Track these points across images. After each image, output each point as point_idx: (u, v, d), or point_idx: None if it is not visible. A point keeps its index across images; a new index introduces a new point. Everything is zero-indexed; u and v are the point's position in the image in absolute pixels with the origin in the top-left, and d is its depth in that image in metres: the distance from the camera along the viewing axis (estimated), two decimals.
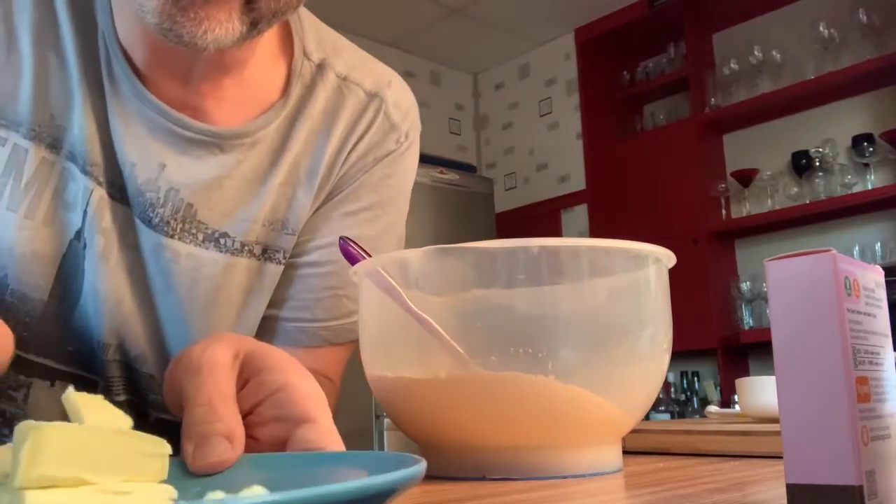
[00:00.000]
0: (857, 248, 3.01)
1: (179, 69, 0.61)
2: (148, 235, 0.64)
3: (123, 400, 0.69)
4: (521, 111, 4.31)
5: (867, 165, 3.04)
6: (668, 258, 0.58)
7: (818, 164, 3.14)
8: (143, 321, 0.66)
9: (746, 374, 3.29)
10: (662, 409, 3.27)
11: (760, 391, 0.85)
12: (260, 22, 0.56)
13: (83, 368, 0.67)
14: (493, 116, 4.45)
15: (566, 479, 0.52)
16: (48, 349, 0.66)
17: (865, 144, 3.02)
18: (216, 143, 0.64)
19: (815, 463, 0.32)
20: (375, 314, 0.59)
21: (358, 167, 0.72)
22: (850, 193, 3.03)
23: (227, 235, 0.67)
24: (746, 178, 3.32)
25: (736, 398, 1.00)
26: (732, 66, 3.36)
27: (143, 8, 0.53)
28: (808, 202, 3.11)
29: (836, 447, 0.32)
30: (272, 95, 0.67)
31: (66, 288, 0.64)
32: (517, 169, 4.28)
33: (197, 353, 0.44)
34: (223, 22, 0.53)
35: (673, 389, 3.36)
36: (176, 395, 0.44)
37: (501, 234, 3.93)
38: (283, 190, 0.68)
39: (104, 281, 0.64)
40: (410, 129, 0.75)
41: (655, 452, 0.71)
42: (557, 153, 4.09)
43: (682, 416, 3.22)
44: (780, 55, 3.25)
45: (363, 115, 0.71)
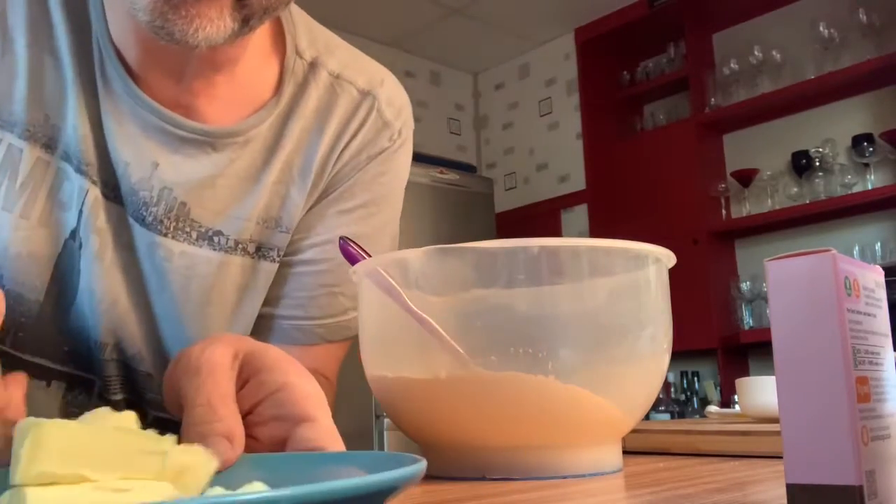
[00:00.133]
0: (857, 248, 3.01)
1: (172, 67, 0.61)
2: (142, 234, 0.64)
3: (121, 399, 0.69)
4: (521, 111, 4.31)
5: (867, 165, 3.04)
6: (668, 258, 0.58)
7: (818, 164, 3.14)
8: (138, 320, 0.66)
9: (746, 374, 3.29)
10: (662, 409, 3.27)
11: (760, 391, 0.85)
12: (251, 19, 0.56)
13: (80, 368, 0.67)
14: (493, 116, 4.45)
15: (566, 479, 0.52)
16: (44, 349, 0.65)
17: (865, 144, 3.02)
18: (209, 141, 0.64)
19: (815, 463, 0.32)
20: (375, 314, 0.59)
21: (351, 165, 0.72)
22: (850, 193, 3.02)
23: (220, 234, 0.67)
24: (746, 178, 3.32)
25: (736, 398, 1.00)
26: (732, 66, 3.36)
27: (134, 6, 0.53)
28: (808, 202, 3.11)
29: (836, 447, 0.32)
30: (265, 94, 0.67)
31: (61, 288, 0.64)
32: (517, 169, 4.28)
33: (196, 353, 0.44)
34: (214, 19, 0.53)
35: (673, 389, 3.36)
36: (175, 395, 0.44)
37: (501, 234, 3.93)
38: (276, 188, 0.68)
39: (99, 280, 0.64)
40: (403, 126, 0.75)
41: (655, 452, 0.71)
42: (557, 153, 4.09)
43: (682, 416, 3.22)
44: (780, 55, 3.25)
45: (356, 113, 0.71)
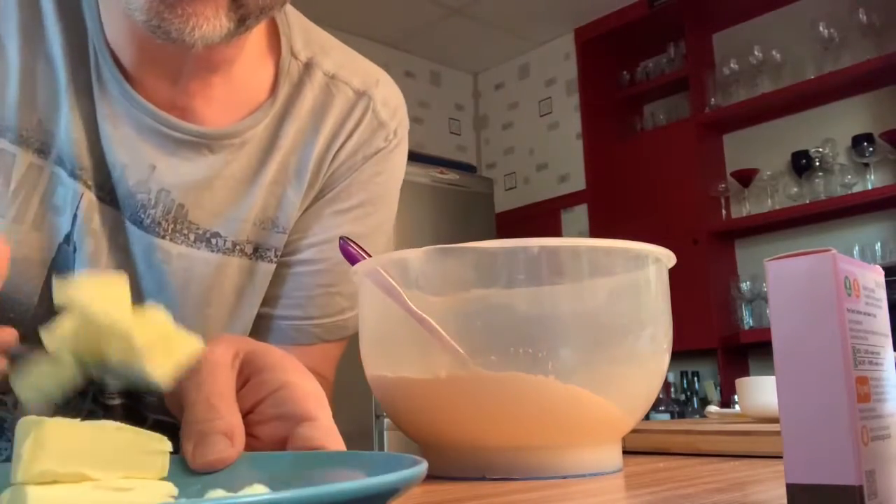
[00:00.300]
0: (857, 248, 3.01)
1: (168, 68, 0.61)
2: (138, 237, 0.64)
3: (118, 403, 0.69)
4: (521, 111, 4.31)
5: (867, 165, 3.04)
6: (668, 258, 0.58)
7: (818, 164, 3.14)
8: None
9: (746, 374, 3.29)
10: (662, 409, 3.27)
11: (760, 391, 0.85)
12: (248, 18, 0.56)
13: None
14: (493, 116, 4.45)
15: (566, 479, 0.52)
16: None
17: (865, 144, 3.02)
18: (205, 143, 0.64)
19: (815, 463, 0.32)
20: (375, 314, 0.59)
21: (347, 165, 0.72)
22: (850, 193, 3.02)
23: (218, 235, 0.67)
24: (746, 178, 3.32)
25: (736, 398, 1.00)
26: (732, 66, 3.36)
27: (130, 5, 0.53)
28: (808, 202, 3.11)
29: (836, 447, 0.32)
30: (260, 95, 0.67)
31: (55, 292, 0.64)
32: (517, 169, 4.28)
33: None
34: (210, 18, 0.53)
35: (673, 389, 3.36)
36: (176, 396, 0.44)
37: (501, 234, 3.93)
38: (272, 189, 0.68)
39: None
40: (399, 126, 0.75)
41: (655, 452, 0.71)
42: (557, 153, 4.09)
43: (682, 416, 3.22)
44: (780, 55, 3.25)
45: (351, 113, 0.71)
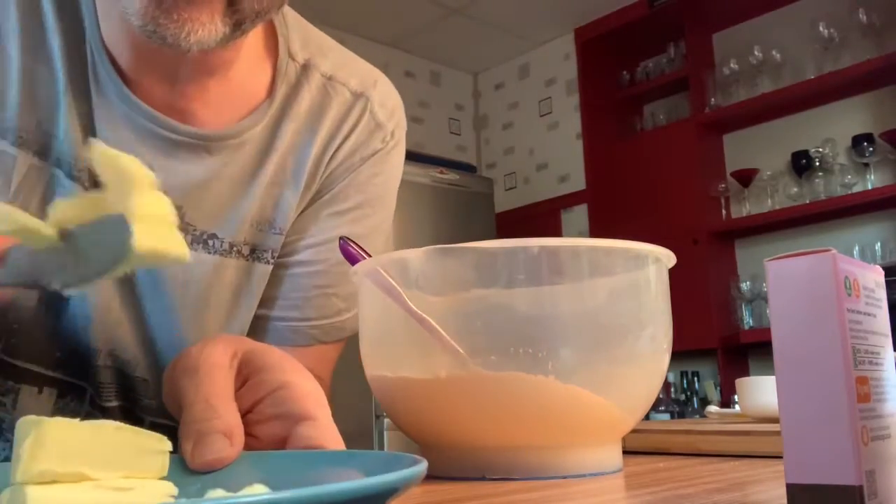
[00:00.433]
0: (857, 248, 3.01)
1: (165, 71, 0.61)
2: None
3: (115, 406, 0.68)
4: (521, 111, 4.31)
5: (867, 165, 3.04)
6: (668, 258, 0.58)
7: (818, 164, 3.14)
8: (132, 325, 0.66)
9: (746, 374, 3.29)
10: (662, 409, 3.27)
11: (760, 391, 0.85)
12: (244, 22, 0.56)
13: (72, 375, 0.67)
14: (493, 116, 4.45)
15: (566, 479, 0.52)
16: (37, 355, 0.65)
17: (865, 144, 3.02)
18: (203, 145, 0.64)
19: (815, 463, 0.32)
20: (375, 314, 0.59)
21: (345, 167, 0.72)
22: (850, 193, 3.02)
23: (215, 237, 0.67)
24: (746, 178, 3.32)
25: (736, 398, 1.00)
26: (732, 66, 3.36)
27: (126, 10, 0.53)
28: (808, 202, 3.11)
29: (836, 447, 0.32)
30: (258, 96, 0.67)
31: (53, 296, 0.63)
32: (517, 169, 4.28)
33: (195, 353, 0.45)
34: (206, 23, 0.53)
35: (673, 389, 3.36)
36: (174, 396, 0.44)
37: (501, 234, 3.93)
38: (269, 190, 0.68)
39: (91, 286, 0.63)
40: (396, 127, 0.75)
41: (655, 452, 0.71)
42: (557, 153, 4.09)
43: (682, 416, 3.22)
44: (780, 55, 3.25)
45: (349, 114, 0.71)
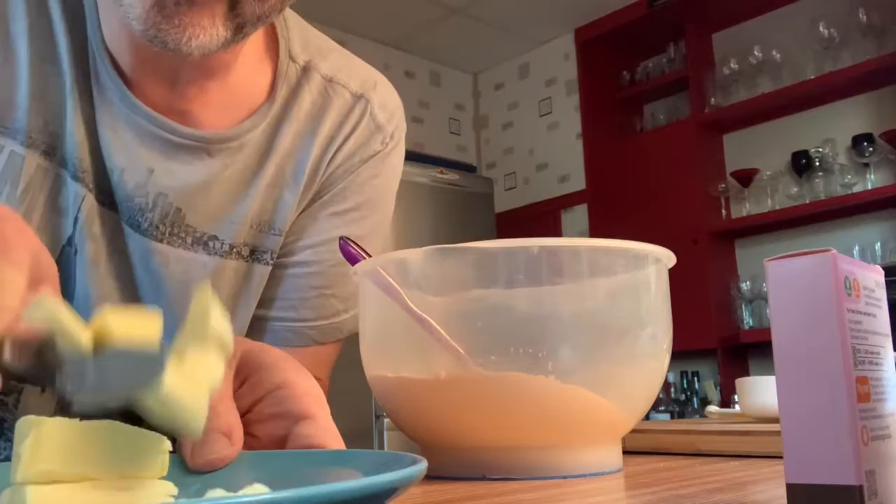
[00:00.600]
0: (857, 248, 3.01)
1: (165, 73, 0.61)
2: (136, 241, 0.64)
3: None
4: (521, 111, 4.31)
5: (867, 165, 3.04)
6: (668, 258, 0.58)
7: (818, 164, 3.14)
8: None
9: (746, 374, 3.29)
10: (662, 409, 3.27)
11: (760, 391, 0.85)
12: (244, 26, 0.56)
13: None
14: (493, 116, 4.45)
15: (566, 479, 0.52)
16: None
17: (865, 144, 3.02)
18: (204, 147, 0.64)
19: (815, 463, 0.32)
20: (375, 314, 0.59)
21: (344, 168, 0.72)
22: (850, 193, 3.02)
23: (215, 238, 0.67)
24: (746, 178, 3.32)
25: (736, 398, 1.00)
26: (732, 66, 3.36)
27: (128, 15, 0.53)
28: (808, 202, 3.11)
29: (836, 447, 0.32)
30: (258, 98, 0.67)
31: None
32: (517, 169, 4.28)
33: None
34: (207, 28, 0.53)
35: (673, 389, 3.36)
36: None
37: (501, 234, 3.93)
38: (269, 191, 0.68)
39: (94, 287, 0.64)
40: (396, 129, 0.75)
41: (655, 452, 0.71)
42: (557, 153, 4.09)
43: (682, 416, 3.22)
44: (780, 55, 3.24)
45: (349, 116, 0.71)
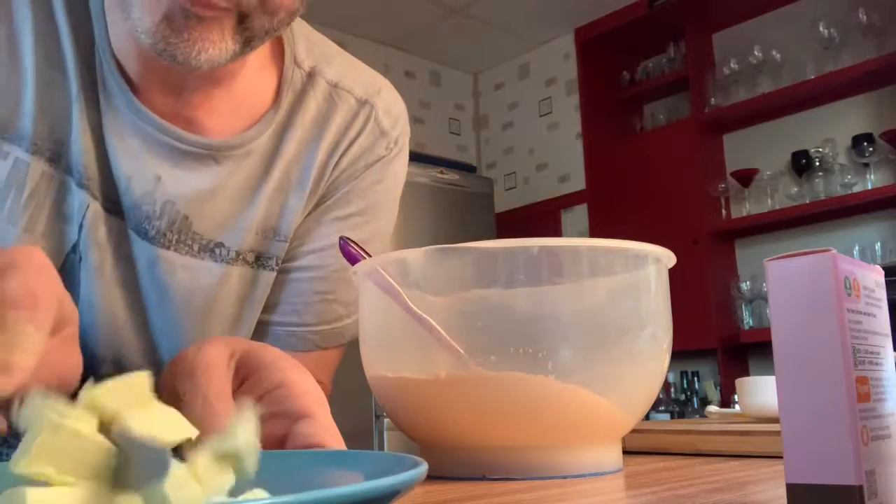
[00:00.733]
0: (857, 248, 3.01)
1: (172, 81, 0.61)
2: (143, 248, 0.64)
3: None
4: (521, 111, 4.31)
5: (867, 165, 3.04)
6: (668, 258, 0.58)
7: (818, 164, 3.14)
8: (137, 334, 0.66)
9: (746, 374, 3.29)
10: (662, 409, 3.27)
11: (760, 391, 0.85)
12: (253, 40, 0.56)
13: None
14: (493, 116, 4.45)
15: (566, 479, 0.52)
16: None
17: (865, 144, 3.02)
18: (210, 154, 0.64)
19: (815, 463, 0.32)
20: (375, 314, 0.59)
21: (348, 173, 0.72)
22: (850, 193, 3.02)
23: (221, 245, 0.67)
24: (746, 178, 3.32)
25: (736, 398, 1.00)
26: (732, 66, 3.36)
27: (137, 28, 0.53)
28: (808, 202, 3.11)
29: (836, 447, 0.32)
30: (263, 103, 0.67)
31: None
32: (517, 169, 4.28)
33: (191, 355, 0.45)
34: (216, 42, 0.53)
35: (673, 389, 3.36)
36: (172, 398, 0.44)
37: (501, 234, 3.93)
38: (274, 197, 0.68)
39: (98, 294, 0.63)
40: (400, 135, 0.75)
41: (655, 452, 0.71)
42: (557, 153, 4.09)
43: (682, 416, 3.22)
44: (780, 55, 3.24)
45: (354, 121, 0.72)
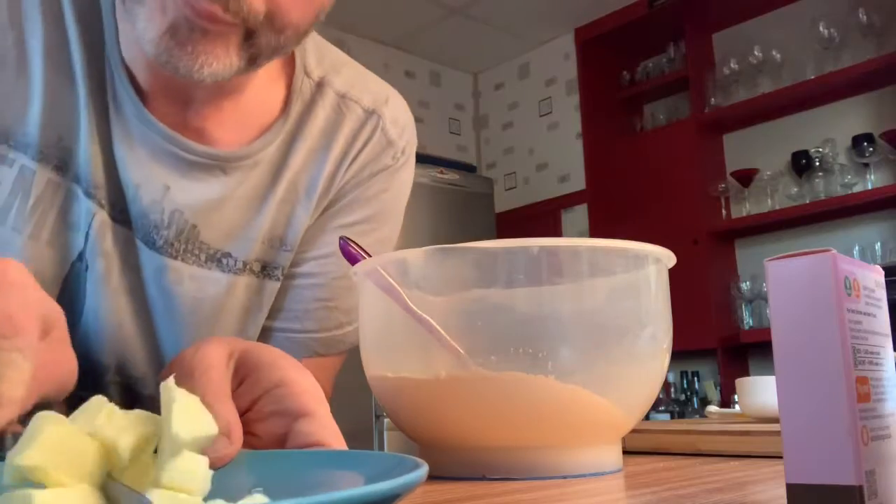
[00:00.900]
0: (857, 248, 3.01)
1: (181, 92, 0.61)
2: (150, 257, 0.64)
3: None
4: (521, 111, 4.31)
5: (867, 165, 3.04)
6: (668, 258, 0.58)
7: (818, 164, 3.14)
8: (142, 343, 0.66)
9: (746, 374, 3.29)
10: (662, 409, 3.27)
11: (760, 391, 0.85)
12: (259, 57, 0.56)
13: (80, 388, 0.67)
14: (493, 116, 4.45)
15: (566, 479, 0.52)
16: None
17: (865, 144, 3.02)
18: (219, 165, 0.64)
19: (815, 463, 0.32)
20: (375, 314, 0.59)
21: (354, 181, 0.72)
22: (850, 193, 3.02)
23: (229, 255, 0.67)
24: (746, 178, 3.32)
25: (736, 398, 1.00)
26: (732, 66, 3.36)
27: (142, 38, 0.53)
28: (808, 202, 3.11)
29: (836, 447, 0.32)
30: (272, 113, 0.68)
31: (66, 309, 0.63)
32: (517, 169, 4.28)
33: (189, 355, 0.45)
34: (221, 57, 0.53)
35: (673, 389, 3.36)
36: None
37: (501, 234, 3.93)
38: (282, 207, 0.68)
39: (104, 303, 0.63)
40: (407, 145, 0.76)
41: (655, 452, 0.71)
42: (557, 153, 4.09)
43: (682, 416, 3.22)
44: (780, 55, 3.24)
45: (361, 131, 0.72)
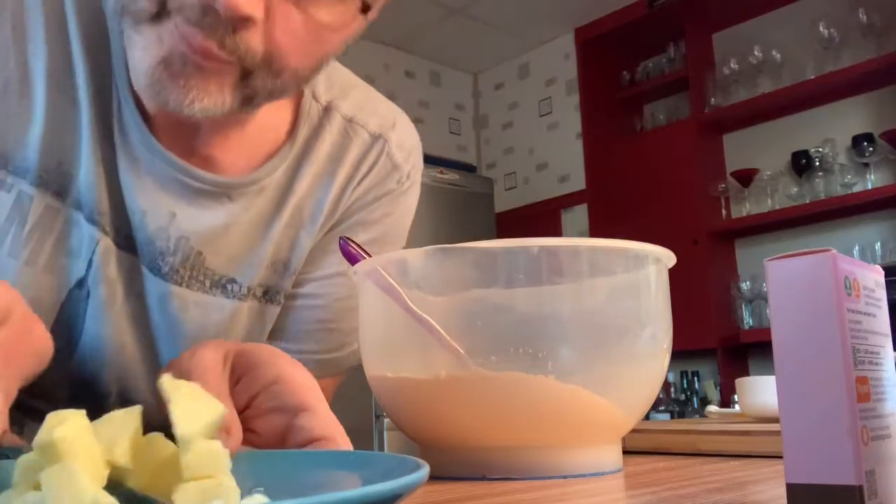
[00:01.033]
0: (857, 248, 3.01)
1: (187, 121, 0.60)
2: (155, 284, 0.64)
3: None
4: (521, 111, 4.31)
5: (867, 165, 3.04)
6: (668, 258, 0.58)
7: (818, 164, 3.14)
8: (145, 369, 0.66)
9: (746, 374, 3.29)
10: (662, 409, 3.27)
11: (760, 391, 0.85)
12: (254, 98, 0.55)
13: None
14: (493, 116, 4.45)
15: (566, 479, 0.52)
16: (46, 394, 0.64)
17: (865, 144, 3.02)
18: (225, 192, 0.64)
19: (815, 463, 0.32)
20: (375, 314, 0.59)
21: (359, 204, 0.72)
22: (850, 193, 3.02)
23: (234, 281, 0.67)
24: (746, 178, 3.32)
25: (736, 398, 1.00)
26: (732, 66, 3.36)
27: (136, 68, 0.52)
28: (808, 202, 3.11)
29: (836, 447, 0.32)
30: (278, 138, 0.67)
31: (64, 335, 0.63)
32: (517, 169, 4.28)
33: (185, 359, 0.45)
34: (213, 94, 0.52)
35: (673, 389, 3.36)
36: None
37: (501, 234, 3.93)
38: (286, 232, 0.68)
39: (107, 329, 0.63)
40: (412, 169, 0.75)
41: (655, 452, 0.71)
42: (557, 153, 4.09)
43: (682, 416, 3.22)
44: (780, 55, 3.24)
45: (367, 155, 0.71)
